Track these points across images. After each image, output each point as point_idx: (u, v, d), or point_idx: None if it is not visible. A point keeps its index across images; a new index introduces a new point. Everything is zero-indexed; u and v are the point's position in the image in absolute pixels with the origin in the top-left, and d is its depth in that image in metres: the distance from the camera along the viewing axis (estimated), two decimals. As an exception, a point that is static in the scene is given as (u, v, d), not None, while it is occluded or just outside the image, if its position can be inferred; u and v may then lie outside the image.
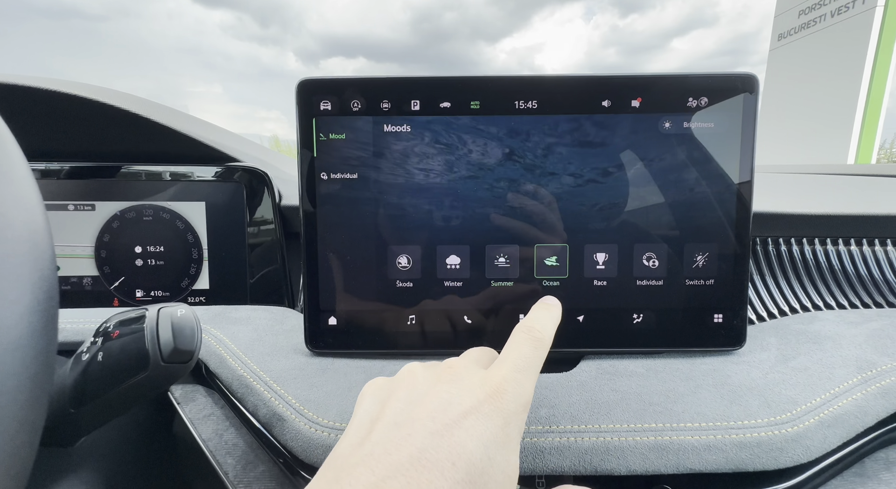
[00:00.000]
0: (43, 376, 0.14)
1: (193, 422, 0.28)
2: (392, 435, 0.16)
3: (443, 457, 0.15)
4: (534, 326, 0.22)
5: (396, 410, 0.17)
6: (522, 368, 0.19)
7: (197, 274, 0.42)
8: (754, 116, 0.28)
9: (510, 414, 0.17)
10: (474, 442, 0.16)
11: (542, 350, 0.21)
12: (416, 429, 0.16)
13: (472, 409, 0.17)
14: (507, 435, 0.17)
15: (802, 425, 0.23)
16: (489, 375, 0.19)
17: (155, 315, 0.22)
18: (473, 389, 0.18)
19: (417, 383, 0.19)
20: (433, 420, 0.16)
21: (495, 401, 0.17)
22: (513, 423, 0.17)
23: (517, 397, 0.18)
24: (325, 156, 0.29)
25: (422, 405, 0.17)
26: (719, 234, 0.29)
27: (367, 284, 0.30)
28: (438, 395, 0.17)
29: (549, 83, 0.28)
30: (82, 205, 0.41)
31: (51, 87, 0.39)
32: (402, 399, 0.18)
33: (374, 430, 0.17)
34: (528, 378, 0.19)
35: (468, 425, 0.16)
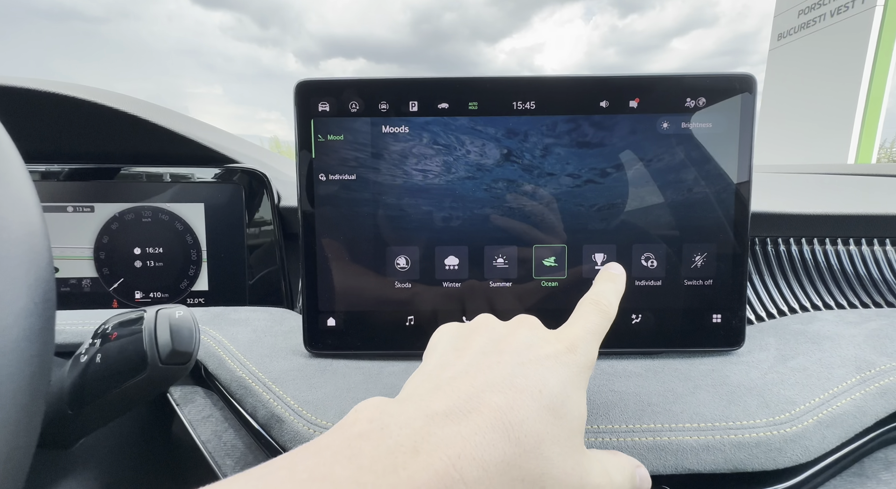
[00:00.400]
0: (40, 378, 0.14)
1: (192, 423, 0.28)
2: (483, 360, 0.17)
3: (531, 383, 0.16)
4: (599, 299, 0.23)
5: (482, 343, 0.18)
6: (592, 331, 0.20)
7: (196, 275, 0.42)
8: (752, 117, 0.28)
9: (582, 366, 0.18)
10: (555, 379, 0.17)
11: (607, 320, 0.22)
12: (504, 359, 0.17)
13: (552, 354, 0.18)
14: (576, 385, 0.18)
15: (801, 425, 0.23)
16: (562, 332, 0.20)
17: (153, 316, 0.22)
18: (550, 340, 0.19)
19: (496, 328, 0.20)
20: (518, 354, 0.17)
21: (571, 354, 0.18)
22: (584, 375, 0.18)
23: (587, 353, 0.19)
24: (323, 157, 0.29)
25: (506, 342, 0.18)
26: (718, 235, 0.29)
27: (365, 285, 0.30)
28: (521, 337, 0.19)
29: (546, 84, 0.28)
30: (81, 206, 0.41)
31: (50, 89, 0.39)
32: (484, 336, 0.19)
33: (463, 357, 0.18)
34: (595, 341, 0.20)
35: (549, 365, 0.17)
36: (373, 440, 0.14)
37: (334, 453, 0.13)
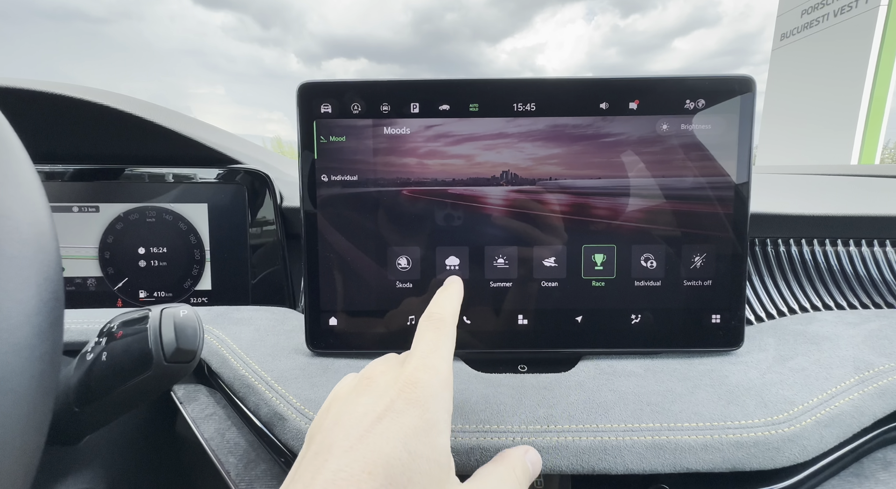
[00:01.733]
0: (49, 375, 0.14)
1: (196, 421, 0.28)
2: (311, 466, 0.16)
3: (357, 469, 0.15)
4: (432, 312, 0.22)
5: (318, 441, 0.17)
6: (429, 352, 0.20)
7: (199, 275, 0.42)
8: (751, 118, 0.28)
9: (427, 399, 0.18)
10: (390, 443, 0.16)
11: (445, 330, 0.21)
12: (332, 454, 0.16)
13: (385, 411, 0.17)
14: (427, 421, 0.17)
15: (799, 425, 0.23)
16: (401, 371, 0.19)
17: (158, 315, 0.22)
18: (387, 390, 0.18)
19: (337, 406, 0.19)
20: (347, 437, 0.16)
21: (408, 394, 0.18)
22: (433, 408, 0.17)
23: (430, 382, 0.18)
24: (325, 158, 0.29)
25: (338, 426, 0.17)
26: (717, 235, 0.29)
27: (367, 285, 0.30)
28: (354, 410, 0.18)
29: (547, 85, 0.28)
30: (86, 206, 0.41)
31: (55, 90, 0.39)
32: (323, 428, 0.18)
33: (300, 466, 0.17)
34: (438, 360, 0.19)
35: (382, 429, 0.16)
36: None
37: None
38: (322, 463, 0.16)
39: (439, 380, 0.19)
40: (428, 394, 0.18)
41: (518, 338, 0.30)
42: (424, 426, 0.17)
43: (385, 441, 0.16)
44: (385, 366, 0.21)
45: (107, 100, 0.40)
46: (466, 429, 0.24)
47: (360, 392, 0.19)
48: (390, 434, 0.16)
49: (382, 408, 0.17)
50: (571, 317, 0.30)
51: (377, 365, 0.21)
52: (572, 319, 0.30)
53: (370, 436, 0.16)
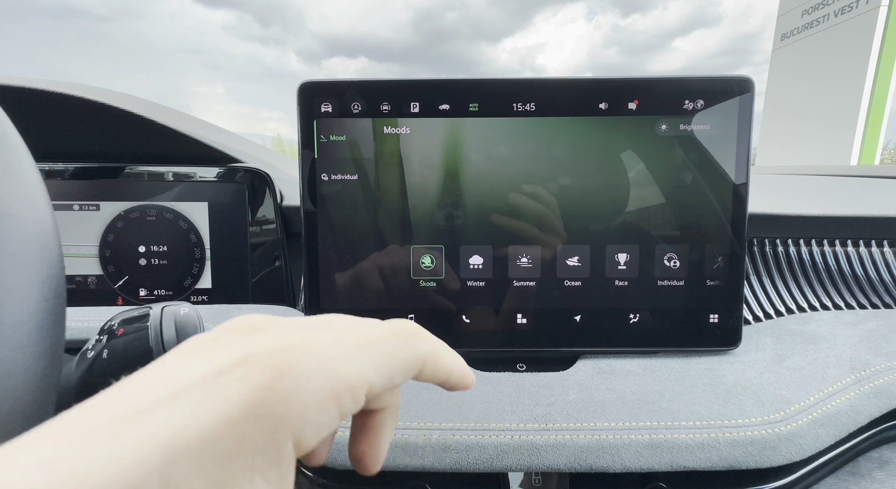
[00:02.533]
0: (51, 372, 0.14)
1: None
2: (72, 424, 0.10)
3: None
4: (426, 336, 0.16)
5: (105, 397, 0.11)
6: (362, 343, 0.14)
7: (199, 273, 0.42)
8: (750, 119, 0.28)
9: (274, 374, 0.11)
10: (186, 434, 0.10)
11: (416, 345, 0.15)
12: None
13: (210, 376, 0.11)
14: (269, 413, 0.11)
15: (795, 424, 0.23)
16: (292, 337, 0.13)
17: (158, 313, 0.23)
18: (235, 345, 0.12)
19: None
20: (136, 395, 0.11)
21: (256, 363, 0.11)
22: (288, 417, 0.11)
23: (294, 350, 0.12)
24: (325, 157, 0.29)
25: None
26: (715, 235, 0.29)
27: (367, 283, 0.30)
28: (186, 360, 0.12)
29: (547, 86, 0.29)
30: (87, 205, 0.41)
31: (55, 88, 0.39)
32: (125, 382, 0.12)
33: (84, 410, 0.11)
34: (365, 360, 0.13)
35: (186, 403, 0.10)
36: None
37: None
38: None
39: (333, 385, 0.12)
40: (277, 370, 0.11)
41: (517, 337, 0.30)
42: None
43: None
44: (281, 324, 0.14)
45: (107, 98, 0.40)
46: (466, 428, 0.24)
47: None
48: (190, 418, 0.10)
49: (207, 371, 0.11)
50: (570, 317, 0.30)
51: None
52: (571, 319, 0.30)
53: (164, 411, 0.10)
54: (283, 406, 0.11)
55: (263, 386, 0.11)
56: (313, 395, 0.11)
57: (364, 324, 0.15)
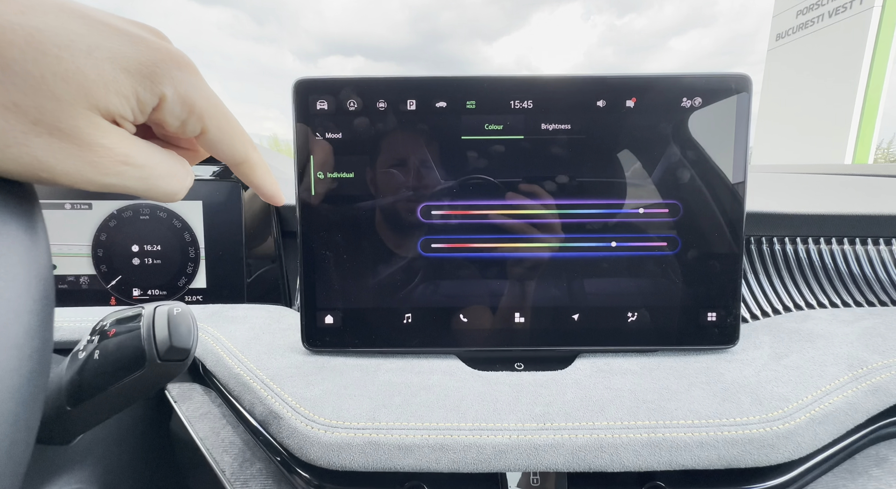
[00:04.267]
0: (39, 374, 0.14)
1: (190, 420, 0.28)
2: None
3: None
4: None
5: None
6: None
7: (194, 273, 0.42)
8: (748, 117, 0.28)
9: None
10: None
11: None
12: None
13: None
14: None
15: (794, 422, 0.23)
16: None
17: (151, 313, 0.22)
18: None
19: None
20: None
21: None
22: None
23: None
24: (321, 155, 0.29)
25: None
26: (713, 233, 0.29)
27: (363, 283, 0.30)
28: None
29: (544, 83, 0.28)
30: (79, 203, 0.41)
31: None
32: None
33: None
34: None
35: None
36: None
37: None
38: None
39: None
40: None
41: (515, 336, 0.30)
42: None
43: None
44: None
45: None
46: (463, 427, 0.23)
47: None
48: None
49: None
50: (568, 316, 0.30)
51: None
52: (569, 317, 0.30)
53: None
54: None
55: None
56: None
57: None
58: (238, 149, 0.18)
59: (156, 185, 0.16)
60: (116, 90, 0.14)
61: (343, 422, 0.24)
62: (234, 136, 0.18)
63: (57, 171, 0.14)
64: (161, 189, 0.16)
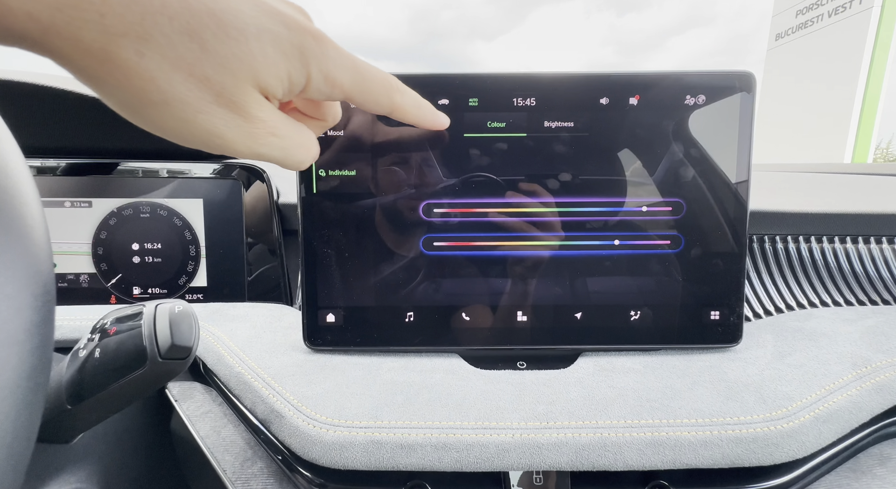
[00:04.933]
0: (40, 371, 0.14)
1: (191, 419, 0.28)
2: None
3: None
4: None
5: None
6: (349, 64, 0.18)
7: (194, 271, 0.41)
8: (751, 115, 0.28)
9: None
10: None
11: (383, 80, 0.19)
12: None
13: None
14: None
15: (798, 421, 0.23)
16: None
17: (152, 311, 0.22)
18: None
19: None
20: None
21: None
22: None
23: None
24: (323, 153, 0.29)
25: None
26: (716, 232, 0.29)
27: (364, 281, 0.30)
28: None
29: (547, 81, 0.28)
30: (79, 202, 0.41)
31: (48, 83, 0.38)
32: None
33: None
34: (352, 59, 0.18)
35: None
36: None
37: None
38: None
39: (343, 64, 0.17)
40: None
41: (517, 334, 0.30)
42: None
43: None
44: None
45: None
46: (465, 426, 0.23)
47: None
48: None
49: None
50: (571, 314, 0.30)
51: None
52: (571, 316, 0.30)
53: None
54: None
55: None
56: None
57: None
58: (382, 102, 0.19)
59: (292, 154, 0.18)
60: (275, 73, 0.16)
61: (345, 420, 0.24)
62: (376, 92, 0.19)
63: (227, 138, 0.16)
64: (295, 158, 0.18)
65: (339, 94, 0.18)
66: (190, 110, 0.14)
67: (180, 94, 0.14)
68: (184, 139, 0.15)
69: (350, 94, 0.18)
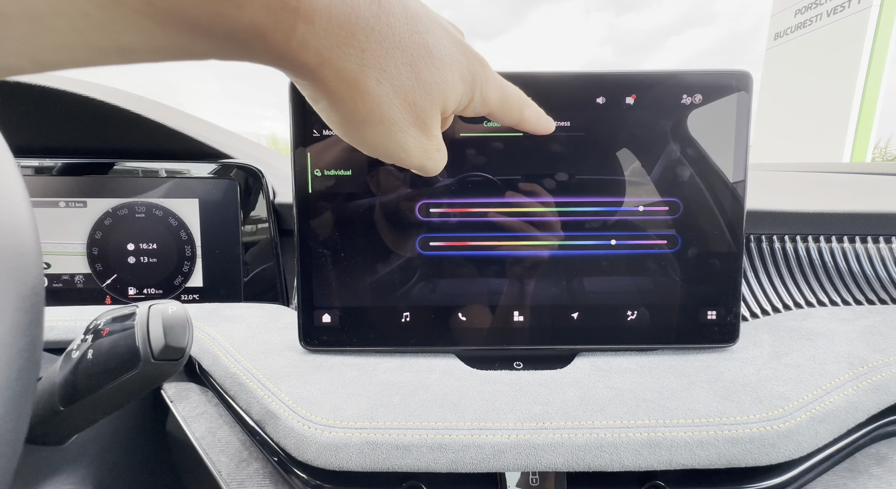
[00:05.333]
0: (28, 373, 0.13)
1: (186, 420, 0.28)
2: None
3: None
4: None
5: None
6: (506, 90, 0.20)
7: (190, 271, 0.41)
8: (748, 114, 0.28)
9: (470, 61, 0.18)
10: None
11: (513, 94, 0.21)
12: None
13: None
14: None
15: (794, 421, 0.23)
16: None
17: (145, 312, 0.22)
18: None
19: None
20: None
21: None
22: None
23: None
24: (319, 153, 0.29)
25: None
26: (713, 232, 0.29)
27: (361, 281, 0.30)
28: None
29: (544, 80, 0.28)
30: (74, 202, 0.41)
31: (44, 83, 0.38)
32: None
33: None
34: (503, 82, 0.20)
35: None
36: None
37: None
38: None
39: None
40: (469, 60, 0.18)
41: (514, 335, 0.30)
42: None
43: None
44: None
45: (97, 93, 0.39)
46: (462, 427, 0.23)
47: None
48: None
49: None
50: (567, 314, 0.30)
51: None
52: (568, 316, 0.30)
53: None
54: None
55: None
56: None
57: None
58: (514, 116, 0.22)
59: (439, 164, 0.20)
60: (456, 97, 0.18)
61: (340, 421, 0.24)
62: (511, 109, 0.21)
63: (411, 153, 0.18)
64: (439, 165, 0.20)
65: (486, 111, 0.20)
66: (395, 129, 0.16)
67: (393, 115, 0.16)
68: (376, 152, 0.17)
69: (493, 110, 0.20)
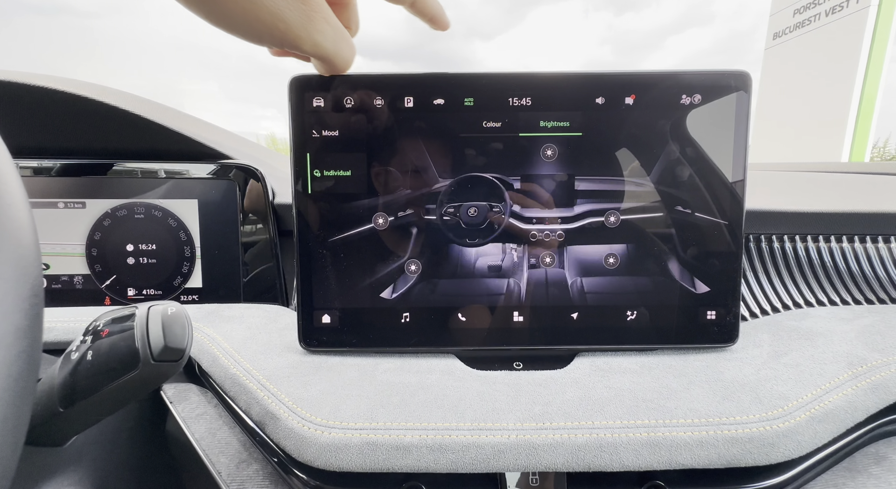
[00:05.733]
0: (27, 375, 0.13)
1: (186, 420, 0.28)
2: None
3: None
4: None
5: None
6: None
7: (190, 272, 0.41)
8: (747, 114, 0.28)
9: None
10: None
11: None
12: None
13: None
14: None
15: (794, 421, 0.23)
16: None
17: (145, 313, 0.22)
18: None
19: None
20: None
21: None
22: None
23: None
24: (318, 153, 0.29)
25: None
26: (712, 232, 0.29)
27: (361, 282, 0.30)
28: None
29: (543, 80, 0.28)
30: (73, 202, 0.41)
31: (43, 84, 0.38)
32: None
33: None
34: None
35: None
36: None
37: None
38: None
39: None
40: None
41: (513, 335, 0.30)
42: None
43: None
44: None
45: (96, 94, 0.39)
46: (462, 427, 0.23)
47: None
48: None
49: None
50: (567, 314, 0.30)
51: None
52: (568, 316, 0.30)
53: None
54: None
55: None
56: None
57: None
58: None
59: (341, 48, 0.20)
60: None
61: (340, 422, 0.24)
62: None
63: (289, 22, 0.18)
64: (342, 53, 0.20)
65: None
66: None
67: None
68: (250, 26, 0.17)
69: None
